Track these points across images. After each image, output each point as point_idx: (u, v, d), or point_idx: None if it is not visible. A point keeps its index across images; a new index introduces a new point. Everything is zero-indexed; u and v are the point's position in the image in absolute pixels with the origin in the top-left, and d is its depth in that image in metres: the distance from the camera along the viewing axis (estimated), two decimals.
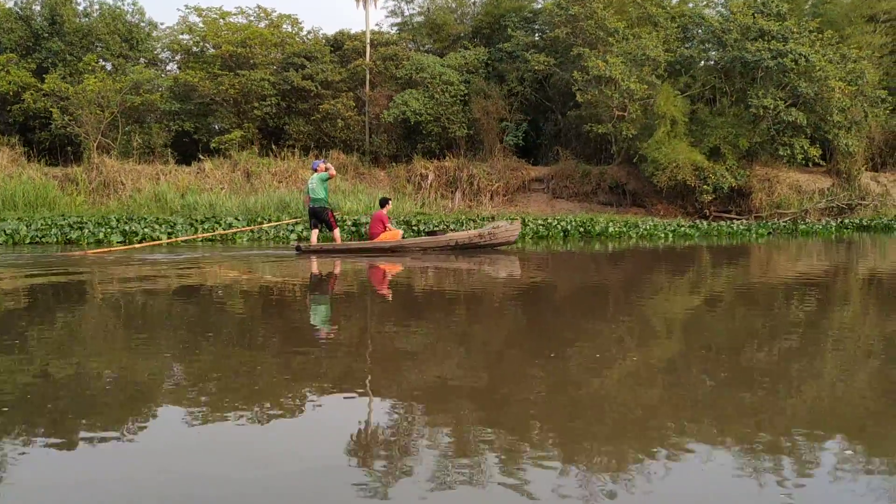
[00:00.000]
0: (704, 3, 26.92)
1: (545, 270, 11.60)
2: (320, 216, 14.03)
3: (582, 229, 19.74)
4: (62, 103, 25.04)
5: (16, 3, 28.22)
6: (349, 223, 18.35)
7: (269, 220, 18.41)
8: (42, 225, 16.51)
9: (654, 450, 2.96)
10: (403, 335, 5.65)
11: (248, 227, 17.26)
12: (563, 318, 6.70)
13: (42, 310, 6.91)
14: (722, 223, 22.52)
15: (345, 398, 3.79)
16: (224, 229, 17.34)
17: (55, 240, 15.43)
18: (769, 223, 22.91)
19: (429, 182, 25.71)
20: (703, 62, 24.15)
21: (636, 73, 22.51)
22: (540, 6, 28.22)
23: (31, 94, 25.38)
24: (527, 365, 4.59)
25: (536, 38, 26.39)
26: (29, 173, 23.71)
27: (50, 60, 26.86)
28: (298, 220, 17.52)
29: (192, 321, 6.33)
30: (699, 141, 22.91)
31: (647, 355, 4.88)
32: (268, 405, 3.61)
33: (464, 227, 17.90)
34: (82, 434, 3.19)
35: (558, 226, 19.85)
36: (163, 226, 16.88)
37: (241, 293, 8.28)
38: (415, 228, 18.44)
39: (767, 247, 16.51)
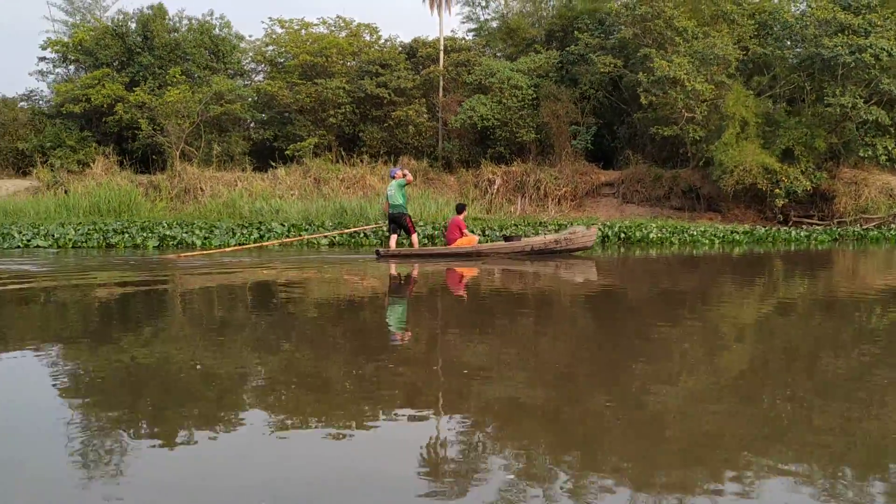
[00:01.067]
0: None
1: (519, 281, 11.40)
2: (399, 222, 14.44)
3: (623, 235, 19.14)
4: (149, 114, 26.48)
5: (112, 21, 30.04)
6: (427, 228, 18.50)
7: (328, 227, 18.84)
8: (88, 230, 17.42)
9: (728, 476, 2.89)
10: (476, 343, 5.74)
11: (321, 234, 17.67)
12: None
13: (149, 309, 7.63)
14: (787, 228, 21.41)
15: (414, 411, 3.86)
16: (276, 237, 17.88)
17: (96, 244, 16.30)
18: (844, 229, 21.61)
19: (495, 187, 25.65)
20: (780, 60, 22.92)
21: (703, 73, 21.68)
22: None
23: (122, 106, 26.91)
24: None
25: (604, 40, 25.77)
26: (118, 181, 25.23)
27: (141, 74, 28.42)
28: (376, 225, 17.89)
29: (276, 322, 6.80)
30: (772, 143, 21.80)
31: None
32: (342, 416, 3.77)
33: (500, 232, 17.74)
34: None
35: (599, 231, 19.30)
36: (201, 231, 17.54)
37: (321, 297, 8.74)
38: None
39: (813, 256, 15.60)
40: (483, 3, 30.54)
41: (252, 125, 29.75)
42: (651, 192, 25.56)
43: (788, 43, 22.68)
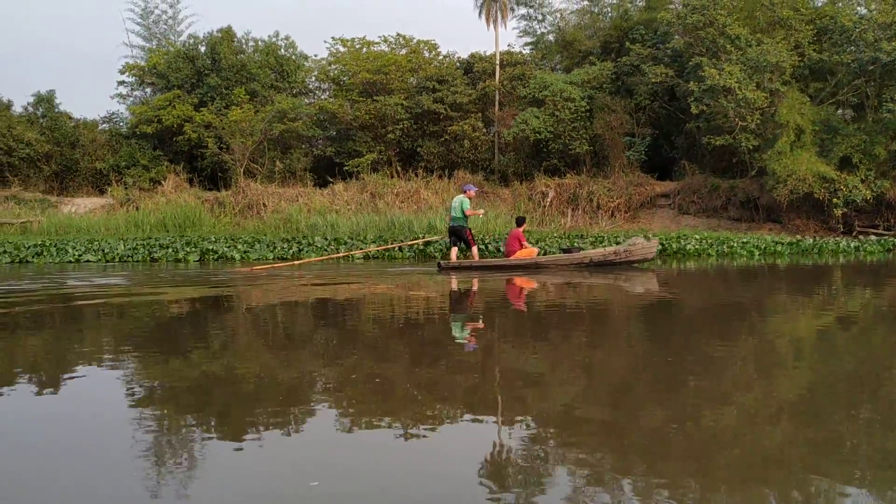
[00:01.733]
0: (851, 1, 24.73)
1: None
2: (459, 234, 14.91)
3: (660, 247, 18.92)
4: (215, 133, 27.68)
5: (184, 44, 31.50)
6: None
7: (368, 241, 19.34)
8: (134, 245, 18.39)
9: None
10: (531, 354, 5.98)
11: (383, 246, 18.19)
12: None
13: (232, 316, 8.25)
14: (836, 239, 20.71)
15: (472, 420, 4.02)
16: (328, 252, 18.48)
17: (141, 258, 17.18)
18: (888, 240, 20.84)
19: (548, 200, 25.70)
20: (841, 66, 22.24)
21: (756, 80, 21.25)
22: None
23: (190, 126, 28.19)
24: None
25: (656, 50, 25.53)
26: (185, 198, 26.44)
27: (209, 95, 29.69)
28: (438, 238, 18.36)
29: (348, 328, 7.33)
30: (830, 151, 21.17)
31: None
32: (399, 420, 4.01)
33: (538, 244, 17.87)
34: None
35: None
36: (243, 245, 18.37)
37: (387, 307, 9.22)
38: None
39: (855, 268, 15.11)
40: (540, 17, 30.70)
41: (315, 142, 30.57)
42: (708, 202, 25.13)
43: (848, 48, 21.95)
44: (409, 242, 18.14)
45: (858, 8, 23.25)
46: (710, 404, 4.25)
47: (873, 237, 22.23)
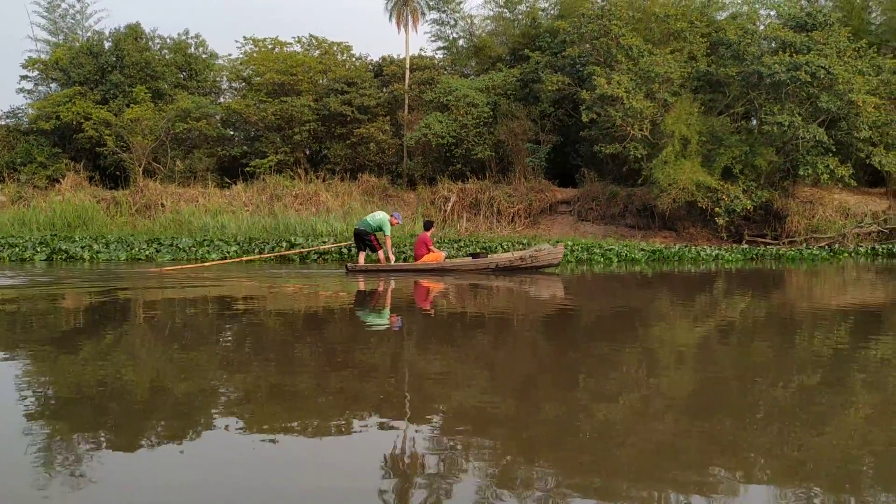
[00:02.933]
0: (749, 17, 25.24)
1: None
2: (363, 239, 14.87)
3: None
4: (114, 131, 27.00)
5: (88, 40, 30.72)
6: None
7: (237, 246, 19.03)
8: None
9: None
10: (434, 356, 5.93)
11: (312, 248, 17.80)
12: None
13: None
14: (697, 247, 20.97)
15: (376, 425, 3.94)
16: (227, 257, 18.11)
17: None
18: (765, 249, 21.31)
19: (450, 204, 25.69)
20: (731, 79, 22.70)
21: (643, 90, 21.56)
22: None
23: (90, 123, 27.46)
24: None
25: (555, 58, 25.74)
26: (80, 196, 25.72)
27: (112, 92, 28.97)
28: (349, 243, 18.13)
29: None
30: (713, 161, 21.58)
31: None
32: (308, 422, 3.92)
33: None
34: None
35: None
36: (97, 245, 17.90)
37: (296, 309, 9.02)
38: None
39: (694, 278, 15.36)
40: (452, 22, 30.68)
41: (223, 142, 30.04)
42: (606, 210, 25.43)
43: (734, 62, 22.40)
44: (324, 247, 17.91)
45: (756, 24, 23.71)
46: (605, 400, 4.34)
47: (770, 246, 22.73)
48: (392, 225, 15.10)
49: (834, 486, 3.00)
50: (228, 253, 17.84)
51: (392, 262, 14.78)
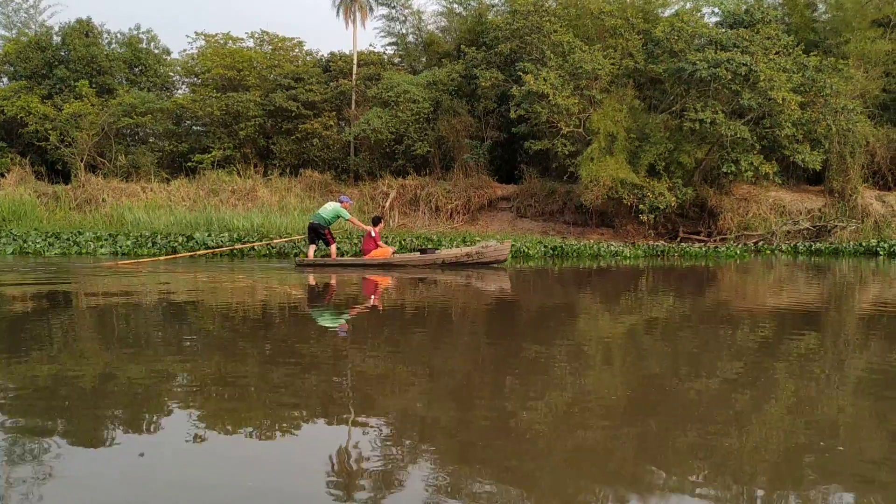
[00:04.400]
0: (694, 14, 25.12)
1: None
2: (318, 232, 14.85)
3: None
4: (55, 125, 26.96)
5: (36, 33, 30.67)
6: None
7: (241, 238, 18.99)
8: None
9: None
10: (375, 353, 5.81)
11: (259, 243, 17.68)
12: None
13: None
14: (614, 244, 20.68)
15: (321, 423, 3.87)
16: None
17: None
18: (709, 247, 21.19)
19: (389, 200, 25.66)
20: (664, 75, 22.63)
21: (570, 87, 21.51)
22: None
23: (33, 118, 27.42)
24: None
25: (490, 54, 25.68)
26: (20, 191, 25.67)
27: (57, 87, 28.93)
28: (299, 237, 18.08)
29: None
30: (639, 158, 21.54)
31: None
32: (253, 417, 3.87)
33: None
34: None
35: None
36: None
37: (244, 303, 8.92)
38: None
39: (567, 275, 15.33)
40: (401, 18, 30.62)
41: (170, 137, 29.98)
42: (545, 206, 25.40)
43: (658, 58, 22.34)
44: (274, 241, 17.84)
45: (692, 21, 23.58)
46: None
47: (698, 244, 22.70)
48: (346, 208, 15.14)
49: (764, 481, 3.05)
50: (152, 251, 17.72)
51: (372, 231, 14.82)
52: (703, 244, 22.51)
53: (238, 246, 17.03)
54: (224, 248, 16.85)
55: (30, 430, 3.53)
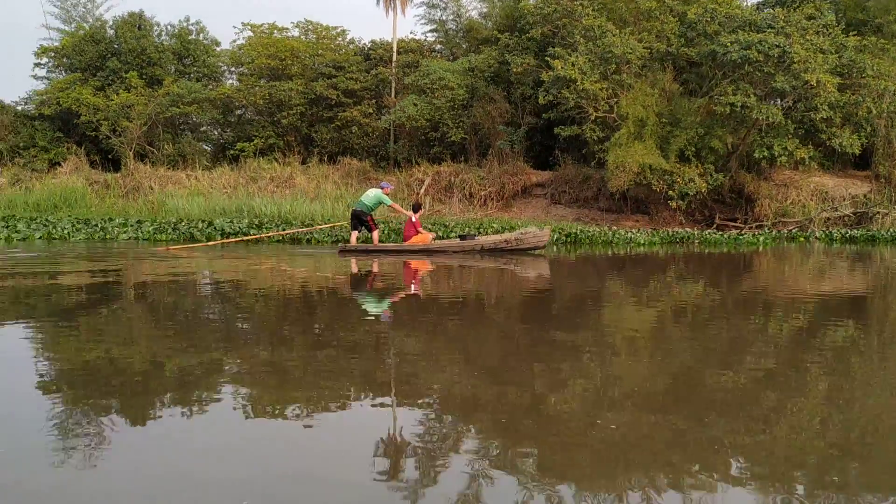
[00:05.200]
0: None
1: None
2: (360, 219, 15.26)
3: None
4: (105, 116, 28.02)
5: (91, 27, 31.83)
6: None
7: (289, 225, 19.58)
8: None
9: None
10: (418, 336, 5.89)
11: (304, 229, 18.24)
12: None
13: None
14: (627, 231, 20.24)
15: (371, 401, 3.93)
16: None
17: None
18: (748, 234, 20.67)
19: (424, 187, 25.84)
20: (691, 59, 22.12)
21: (599, 71, 21.22)
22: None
23: (84, 109, 28.55)
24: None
25: (522, 40, 25.51)
26: (74, 179, 26.82)
27: (110, 78, 30.01)
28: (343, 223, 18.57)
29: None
30: (669, 143, 21.12)
31: None
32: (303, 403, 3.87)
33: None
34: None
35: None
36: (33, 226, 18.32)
37: (289, 287, 9.23)
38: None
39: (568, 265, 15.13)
40: (442, 5, 30.68)
41: (214, 126, 30.83)
42: (579, 193, 25.20)
43: (690, 40, 21.80)
44: (317, 227, 18.33)
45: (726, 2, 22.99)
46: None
47: (732, 231, 22.24)
48: (387, 194, 15.39)
49: (804, 478, 2.93)
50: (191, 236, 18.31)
51: (412, 217, 15.13)
52: (738, 231, 22.04)
53: (277, 233, 17.44)
54: (270, 234, 17.30)
55: (84, 406, 3.68)
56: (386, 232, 17.83)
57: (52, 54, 32.22)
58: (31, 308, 6.84)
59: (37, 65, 32.93)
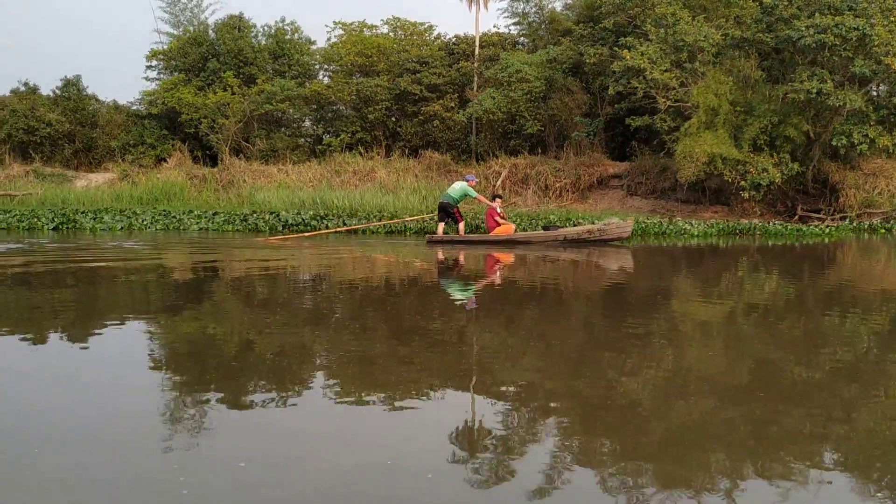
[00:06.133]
0: None
1: None
2: (447, 211, 16.32)
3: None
4: (202, 113, 29.81)
5: (194, 30, 33.81)
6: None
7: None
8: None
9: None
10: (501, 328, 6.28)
11: (384, 222, 19.38)
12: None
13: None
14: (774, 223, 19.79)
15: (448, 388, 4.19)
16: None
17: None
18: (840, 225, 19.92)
19: (500, 180, 26.15)
20: (763, 45, 21.34)
21: (670, 60, 20.86)
22: None
23: (185, 107, 30.44)
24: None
25: (594, 30, 25.29)
26: (175, 174, 28.70)
27: (210, 78, 31.83)
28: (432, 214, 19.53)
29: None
30: (742, 132, 20.52)
31: None
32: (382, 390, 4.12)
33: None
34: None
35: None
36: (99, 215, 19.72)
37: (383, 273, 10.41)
38: None
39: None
40: None
41: (306, 122, 32.16)
42: (656, 184, 24.87)
43: (765, 25, 21.02)
44: (410, 219, 19.28)
45: None
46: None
47: (816, 222, 21.48)
48: (472, 187, 16.28)
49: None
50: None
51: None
52: (820, 222, 21.28)
53: (357, 226, 18.36)
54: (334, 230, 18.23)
55: (183, 386, 4.08)
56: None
57: (161, 57, 34.40)
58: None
59: (148, 67, 35.19)
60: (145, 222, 18.70)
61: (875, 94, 20.08)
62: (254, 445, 3.17)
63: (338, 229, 17.80)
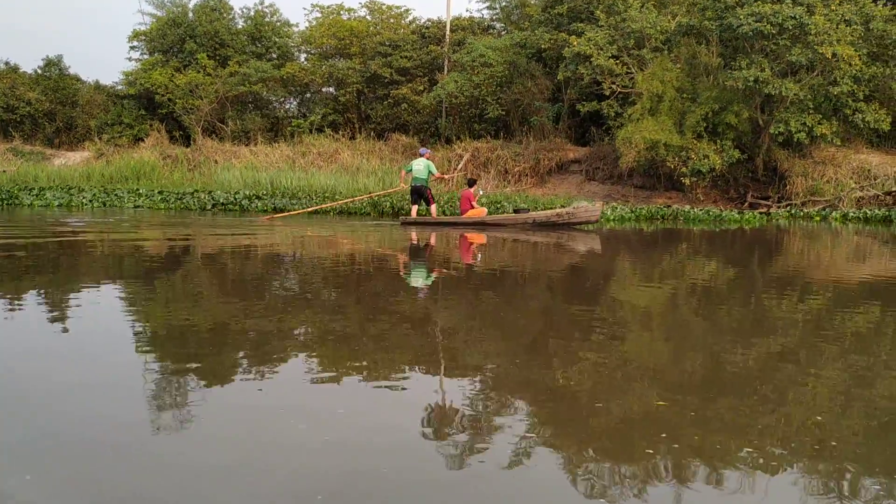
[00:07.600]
0: None
1: None
2: (421, 193, 16.77)
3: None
4: (175, 94, 30.27)
5: (174, 12, 34.21)
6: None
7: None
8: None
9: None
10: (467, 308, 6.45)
11: (357, 198, 20.01)
12: None
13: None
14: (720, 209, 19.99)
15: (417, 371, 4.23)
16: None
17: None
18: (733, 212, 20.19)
19: (462, 162, 26.44)
20: (709, 32, 21.48)
21: (617, 46, 21.06)
22: None
23: (158, 88, 30.91)
24: None
25: (549, 16, 25.47)
26: (149, 154, 29.20)
27: (188, 60, 32.26)
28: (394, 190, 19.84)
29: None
30: (685, 119, 20.73)
31: None
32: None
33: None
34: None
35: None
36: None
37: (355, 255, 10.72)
38: None
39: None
40: None
41: (277, 103, 32.56)
42: (613, 170, 25.07)
43: (709, 13, 21.15)
44: (380, 193, 19.78)
45: None
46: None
47: (772, 210, 21.69)
48: (427, 157, 16.73)
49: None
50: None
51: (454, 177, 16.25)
52: (766, 209, 21.49)
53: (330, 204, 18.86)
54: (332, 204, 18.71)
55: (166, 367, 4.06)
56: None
57: (143, 38, 34.85)
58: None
59: (131, 48, 35.73)
60: (84, 199, 19.20)
61: (813, 83, 20.13)
62: (223, 423, 3.18)
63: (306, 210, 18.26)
